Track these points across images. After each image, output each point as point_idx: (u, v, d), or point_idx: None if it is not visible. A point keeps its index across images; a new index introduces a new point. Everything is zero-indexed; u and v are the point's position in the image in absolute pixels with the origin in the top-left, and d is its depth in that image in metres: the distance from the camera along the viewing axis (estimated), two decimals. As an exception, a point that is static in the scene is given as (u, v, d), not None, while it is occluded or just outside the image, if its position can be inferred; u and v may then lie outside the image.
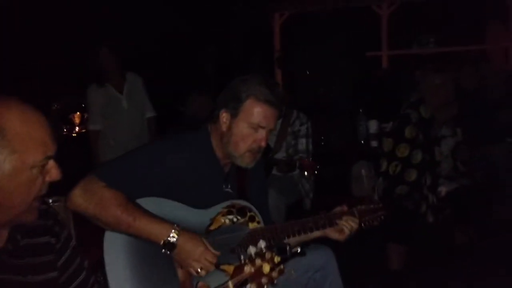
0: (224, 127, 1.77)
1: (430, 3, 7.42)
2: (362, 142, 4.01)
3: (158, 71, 6.45)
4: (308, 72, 6.25)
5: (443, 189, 3.10)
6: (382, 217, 2.01)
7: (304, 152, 3.65)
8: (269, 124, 1.76)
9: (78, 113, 7.71)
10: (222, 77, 5.31)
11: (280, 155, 3.64)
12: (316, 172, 3.15)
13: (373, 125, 3.90)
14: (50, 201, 1.71)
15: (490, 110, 4.20)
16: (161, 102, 4.52)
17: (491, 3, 7.40)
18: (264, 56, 6.97)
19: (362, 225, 1.94)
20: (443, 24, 7.58)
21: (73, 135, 7.56)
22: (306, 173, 3.18)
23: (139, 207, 1.61)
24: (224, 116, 1.78)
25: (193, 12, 7.16)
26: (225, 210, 1.75)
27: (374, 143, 3.88)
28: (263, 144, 1.77)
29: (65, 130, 7.58)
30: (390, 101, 4.45)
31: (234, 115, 1.76)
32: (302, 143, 3.67)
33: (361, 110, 4.03)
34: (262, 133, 1.76)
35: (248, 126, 1.74)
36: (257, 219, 1.80)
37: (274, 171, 3.47)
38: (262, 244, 1.26)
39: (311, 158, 3.52)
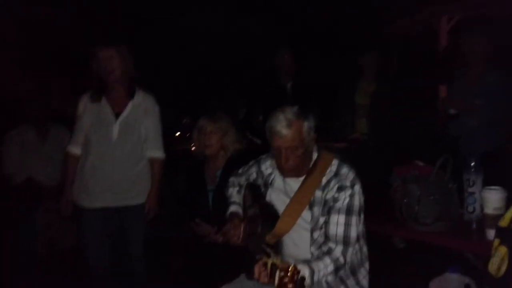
0: None
1: None
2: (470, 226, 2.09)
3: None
4: None
5: None
6: None
7: (338, 240, 1.96)
8: None
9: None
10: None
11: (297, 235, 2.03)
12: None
13: (493, 200, 1.96)
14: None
15: None
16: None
17: None
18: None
19: None
20: None
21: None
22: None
23: None
24: None
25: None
26: None
27: (490, 235, 1.95)
28: None
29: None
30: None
31: None
32: (335, 223, 1.98)
33: (473, 164, 2.09)
34: None
35: None
36: None
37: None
38: None
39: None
